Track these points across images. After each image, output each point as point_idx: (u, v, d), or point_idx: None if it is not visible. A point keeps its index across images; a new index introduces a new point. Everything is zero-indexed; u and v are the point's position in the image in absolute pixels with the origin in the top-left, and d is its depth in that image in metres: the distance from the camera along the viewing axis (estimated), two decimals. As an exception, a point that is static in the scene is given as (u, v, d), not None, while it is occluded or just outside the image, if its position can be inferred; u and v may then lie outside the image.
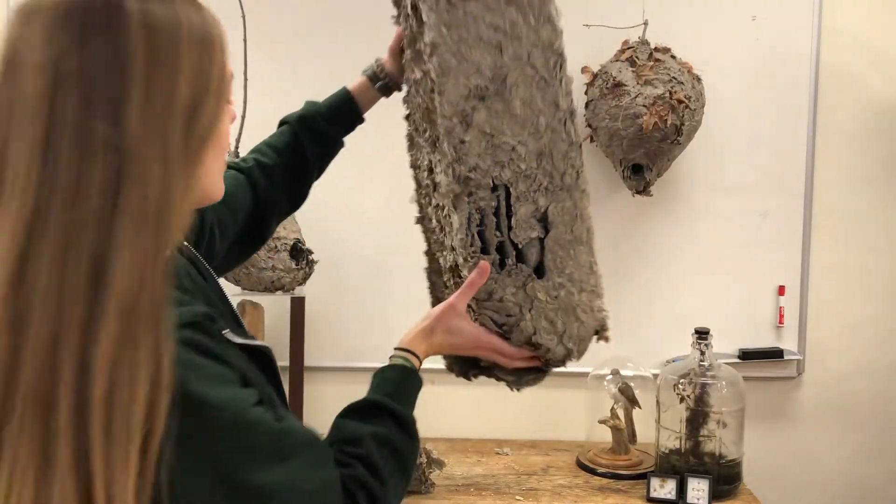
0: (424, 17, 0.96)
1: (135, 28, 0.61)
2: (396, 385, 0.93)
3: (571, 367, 2.10)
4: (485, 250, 1.02)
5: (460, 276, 1.05)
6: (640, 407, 1.94)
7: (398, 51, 1.22)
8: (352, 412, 0.89)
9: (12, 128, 0.60)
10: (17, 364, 0.58)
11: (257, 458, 0.71)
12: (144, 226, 0.60)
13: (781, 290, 2.11)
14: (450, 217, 1.03)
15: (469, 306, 1.03)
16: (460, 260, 1.03)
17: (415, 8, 1.00)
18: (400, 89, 1.26)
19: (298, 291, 1.89)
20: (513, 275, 1.04)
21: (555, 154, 1.04)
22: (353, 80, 1.33)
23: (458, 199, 1.00)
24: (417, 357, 0.98)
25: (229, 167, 1.11)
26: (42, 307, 0.58)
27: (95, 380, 0.58)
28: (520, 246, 1.04)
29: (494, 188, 1.01)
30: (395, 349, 0.99)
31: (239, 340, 0.76)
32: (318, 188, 1.47)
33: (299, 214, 1.92)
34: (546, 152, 1.03)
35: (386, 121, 2.28)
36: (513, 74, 1.00)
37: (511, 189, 1.02)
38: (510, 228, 1.03)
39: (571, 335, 1.07)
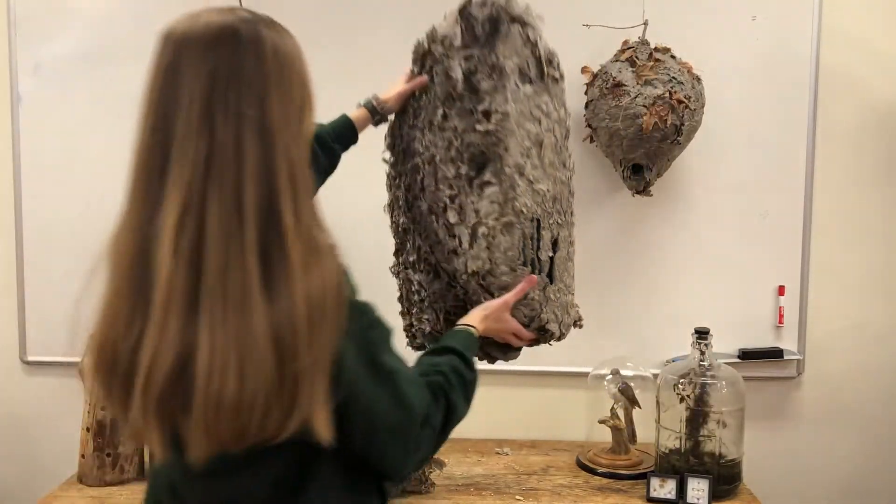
0: (486, 88, 1.28)
1: (269, 50, 0.86)
2: (464, 340, 1.20)
3: (571, 367, 2.14)
4: (523, 263, 1.38)
5: (485, 280, 1.36)
6: (640, 407, 1.94)
7: (409, 95, 1.49)
8: (431, 352, 1.16)
9: (177, 114, 0.82)
10: (196, 292, 0.79)
11: (384, 346, 0.95)
12: (295, 180, 0.84)
13: (781, 290, 2.11)
14: (495, 237, 1.34)
15: None
16: (503, 268, 1.35)
17: (467, 77, 1.30)
18: (387, 121, 1.56)
19: (298, 291, 1.89)
20: (538, 282, 1.40)
21: (562, 199, 1.43)
22: (352, 79, 1.55)
23: (511, 226, 1.34)
24: (477, 330, 1.28)
25: None
26: (215, 239, 0.79)
27: (296, 288, 0.81)
28: (542, 261, 1.41)
29: (532, 220, 1.37)
30: (460, 323, 1.28)
31: None
32: (319, 188, 1.49)
33: (299, 214, 1.93)
34: (558, 198, 1.42)
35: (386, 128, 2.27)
36: (545, 141, 1.38)
37: (541, 221, 1.38)
38: (538, 249, 1.39)
39: (564, 323, 1.47)
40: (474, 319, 1.28)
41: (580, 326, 1.54)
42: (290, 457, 0.89)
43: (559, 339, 1.48)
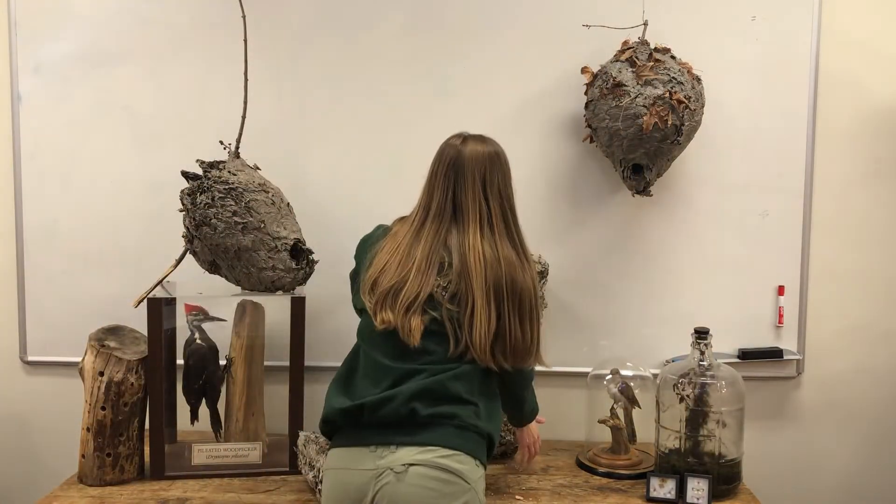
0: None
1: (503, 159, 1.61)
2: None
3: (571, 367, 2.13)
4: None
5: None
6: (639, 407, 1.94)
7: None
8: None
9: (464, 190, 1.56)
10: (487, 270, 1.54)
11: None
12: (517, 221, 1.60)
13: (781, 290, 2.11)
14: None
15: None
16: None
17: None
18: None
19: (298, 291, 1.89)
20: None
21: None
22: (350, 81, 1.38)
23: None
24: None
25: None
26: (497, 247, 1.55)
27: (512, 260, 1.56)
28: None
29: None
30: None
31: None
32: (319, 188, 1.49)
33: (299, 214, 1.93)
34: None
35: (389, 126, 2.29)
36: None
37: None
38: None
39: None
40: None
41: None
42: (488, 368, 1.54)
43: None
